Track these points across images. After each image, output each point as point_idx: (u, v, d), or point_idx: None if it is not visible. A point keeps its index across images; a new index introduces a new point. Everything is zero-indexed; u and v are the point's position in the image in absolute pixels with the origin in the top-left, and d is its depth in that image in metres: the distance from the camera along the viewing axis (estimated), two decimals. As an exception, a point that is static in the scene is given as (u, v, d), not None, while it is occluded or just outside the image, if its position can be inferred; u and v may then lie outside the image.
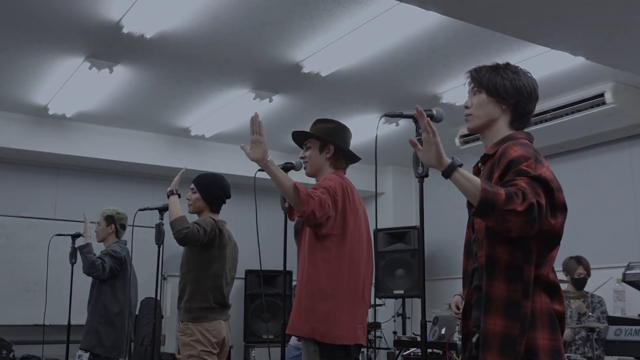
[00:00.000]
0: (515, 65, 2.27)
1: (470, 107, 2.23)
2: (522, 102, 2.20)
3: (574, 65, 5.07)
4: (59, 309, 5.36)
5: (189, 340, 3.75)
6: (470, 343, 2.13)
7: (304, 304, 2.91)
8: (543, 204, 1.93)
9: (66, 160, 6.86)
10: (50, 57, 5.03)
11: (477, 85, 2.22)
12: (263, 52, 4.94)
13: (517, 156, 2.03)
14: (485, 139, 2.24)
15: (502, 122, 2.21)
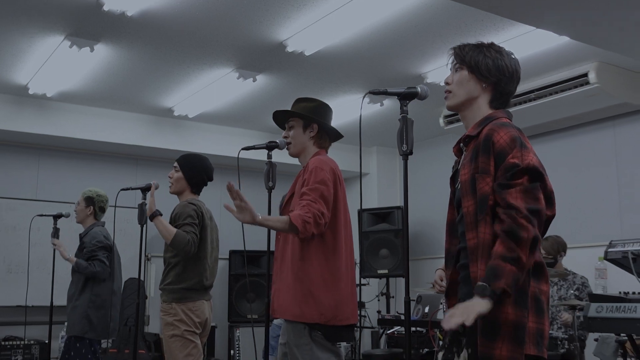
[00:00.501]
0: (499, 46, 2.26)
1: (450, 84, 2.21)
2: (503, 81, 2.20)
3: (558, 44, 5.07)
4: (41, 289, 5.33)
5: (173, 320, 3.76)
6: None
7: (300, 290, 2.87)
8: (541, 209, 1.97)
9: (47, 140, 6.78)
10: (30, 35, 4.95)
11: (460, 61, 2.20)
12: (247, 31, 4.89)
13: (504, 146, 2.03)
14: (464, 118, 2.23)
15: (482, 101, 2.20)
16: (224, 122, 7.28)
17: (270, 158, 3.08)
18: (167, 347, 3.78)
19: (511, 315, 1.94)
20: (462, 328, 2.06)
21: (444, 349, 2.18)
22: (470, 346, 2.05)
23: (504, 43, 5.35)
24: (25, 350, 6.04)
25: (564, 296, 5.37)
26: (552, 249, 5.42)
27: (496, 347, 1.94)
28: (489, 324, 1.95)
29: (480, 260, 2.00)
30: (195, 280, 3.82)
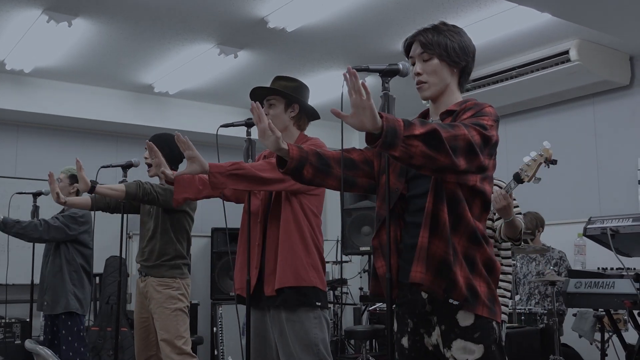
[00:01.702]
0: (452, 24, 2.25)
1: (422, 74, 2.19)
2: (470, 63, 2.23)
3: (540, 22, 5.07)
4: (21, 268, 5.29)
5: (177, 294, 3.85)
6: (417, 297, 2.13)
7: (299, 257, 2.89)
8: (474, 160, 1.98)
9: (26, 117, 6.68)
10: (6, 9, 4.86)
11: (429, 51, 2.17)
12: (228, 6, 4.84)
13: (488, 112, 2.08)
14: (438, 103, 2.22)
15: (453, 85, 2.22)
16: (204, 98, 7.22)
17: (249, 135, 3.06)
18: (167, 321, 3.80)
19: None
20: (431, 307, 2.08)
21: (407, 333, 2.16)
22: (443, 322, 2.06)
23: (485, 20, 5.38)
24: (7, 329, 6.00)
25: (542, 271, 5.45)
26: (530, 224, 5.49)
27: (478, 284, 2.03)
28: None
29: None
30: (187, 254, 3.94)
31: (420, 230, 2.05)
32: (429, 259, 2.02)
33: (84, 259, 4.72)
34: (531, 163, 3.25)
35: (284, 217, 2.94)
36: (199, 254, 7.50)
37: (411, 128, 1.85)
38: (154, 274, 3.90)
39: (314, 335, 2.88)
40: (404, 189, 2.18)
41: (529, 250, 5.16)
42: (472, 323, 2.03)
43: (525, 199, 5.74)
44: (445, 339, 2.05)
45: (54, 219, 4.63)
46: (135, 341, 3.99)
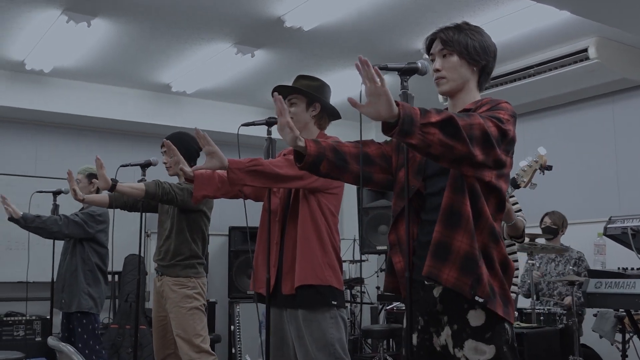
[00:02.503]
0: (474, 25, 2.26)
1: (441, 70, 2.19)
2: (490, 62, 2.24)
3: (559, 19, 5.03)
4: (41, 265, 5.34)
5: (193, 293, 3.86)
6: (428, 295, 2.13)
7: (315, 256, 2.89)
8: (490, 152, 1.97)
9: (45, 116, 6.75)
10: (26, 9, 4.90)
11: (448, 47, 2.18)
12: (245, 6, 4.85)
13: (504, 108, 2.08)
14: (455, 100, 2.23)
15: (472, 83, 2.22)
16: (222, 98, 7.25)
17: (270, 134, 3.07)
18: (183, 321, 3.82)
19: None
20: (442, 307, 2.07)
21: (417, 331, 2.16)
22: (455, 322, 2.05)
23: (503, 18, 5.34)
24: (27, 326, 6.07)
25: (562, 272, 5.41)
26: (558, 221, 5.47)
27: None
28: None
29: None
30: (202, 256, 3.95)
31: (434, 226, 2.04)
32: (453, 255, 1.99)
33: (100, 258, 4.75)
34: (527, 169, 3.26)
35: (302, 215, 2.94)
36: (216, 253, 7.53)
37: (428, 115, 1.85)
38: (169, 274, 3.91)
39: (330, 336, 2.88)
40: (421, 187, 2.18)
41: (547, 250, 5.13)
42: (482, 323, 2.02)
43: (544, 198, 5.72)
44: (457, 339, 2.04)
45: (73, 215, 4.67)
46: (154, 339, 4.01)
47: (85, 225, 4.63)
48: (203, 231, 4.03)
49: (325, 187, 2.94)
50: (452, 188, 2.03)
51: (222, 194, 3.01)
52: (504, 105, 2.09)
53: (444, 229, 2.01)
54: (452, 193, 2.03)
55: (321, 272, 2.88)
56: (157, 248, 4.04)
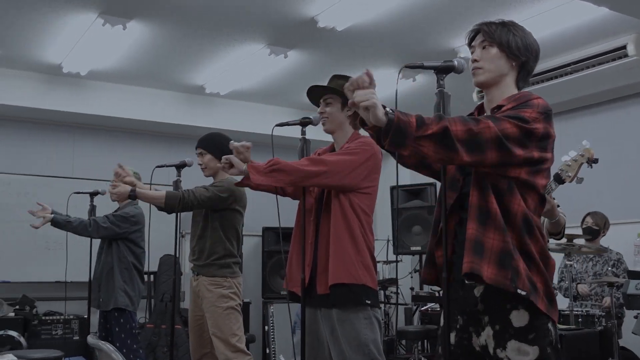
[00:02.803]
0: (520, 24, 2.25)
1: (479, 60, 2.19)
2: (531, 60, 2.22)
3: (596, 16, 4.95)
4: (79, 265, 5.41)
5: (229, 293, 3.88)
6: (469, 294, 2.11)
7: (348, 255, 2.89)
8: (507, 152, 1.96)
9: (82, 119, 6.86)
10: (63, 13, 4.98)
11: (489, 39, 2.18)
12: (278, 7, 4.86)
13: (535, 104, 2.05)
14: (490, 94, 2.22)
15: (510, 79, 2.20)
16: (255, 99, 7.28)
17: (304, 134, 3.07)
18: (219, 320, 3.84)
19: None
20: (483, 307, 2.05)
21: (455, 330, 2.14)
22: (497, 322, 2.03)
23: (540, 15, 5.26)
24: (65, 325, 6.17)
25: (599, 272, 5.31)
26: (600, 221, 5.38)
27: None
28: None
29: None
30: (237, 254, 3.96)
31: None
32: (487, 252, 1.97)
33: (135, 257, 4.79)
34: (572, 163, 3.22)
35: (334, 214, 2.94)
36: (250, 253, 7.56)
37: (424, 128, 1.88)
38: (205, 274, 3.93)
39: (364, 336, 2.86)
40: (462, 184, 2.18)
41: (586, 251, 5.04)
42: (526, 324, 1.99)
43: (582, 198, 5.62)
44: (499, 340, 2.02)
45: (104, 218, 4.71)
46: (190, 339, 4.04)
47: (116, 228, 4.67)
48: (237, 230, 4.05)
49: (354, 185, 2.93)
50: (476, 186, 2.04)
51: (262, 188, 3.07)
52: (534, 101, 2.06)
53: (477, 226, 2.01)
54: (477, 191, 2.03)
55: (354, 271, 2.87)
56: (191, 248, 4.07)
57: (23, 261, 6.43)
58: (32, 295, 6.11)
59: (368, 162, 2.97)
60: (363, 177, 2.96)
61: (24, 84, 6.35)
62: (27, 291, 6.22)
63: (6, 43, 5.60)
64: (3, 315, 5.85)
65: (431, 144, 1.88)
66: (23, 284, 6.38)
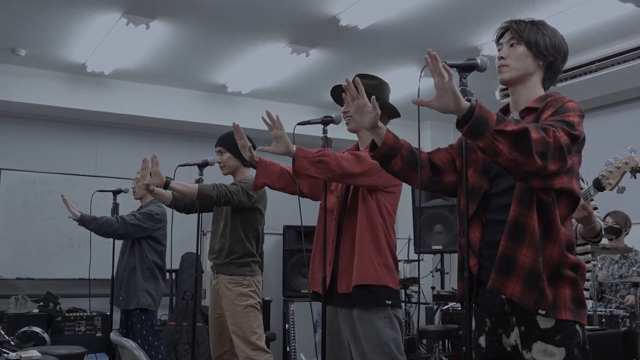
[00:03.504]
0: (549, 25, 2.22)
1: (506, 58, 2.17)
2: (558, 61, 2.19)
3: (622, 13, 4.88)
4: (102, 263, 5.47)
5: (248, 291, 3.89)
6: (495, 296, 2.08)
7: (370, 255, 2.88)
8: (561, 162, 1.91)
9: (105, 117, 6.92)
10: (87, 13, 5.03)
11: (517, 36, 2.16)
12: (300, 5, 4.86)
13: (570, 107, 2.02)
14: (516, 93, 2.20)
15: (536, 79, 2.18)
16: (277, 97, 7.29)
17: (325, 133, 3.07)
18: (239, 318, 3.85)
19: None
20: (510, 308, 2.03)
21: (484, 333, 2.12)
22: (523, 324, 2.02)
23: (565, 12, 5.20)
24: (88, 322, 6.24)
25: (625, 274, 5.24)
26: (621, 220, 5.31)
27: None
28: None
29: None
30: (257, 254, 3.97)
31: (501, 234, 2.01)
32: (518, 270, 1.96)
33: (158, 255, 4.83)
34: (614, 170, 3.04)
35: (360, 215, 2.93)
36: (271, 252, 7.58)
37: (504, 123, 1.84)
38: (224, 272, 3.95)
39: (385, 335, 2.85)
40: (486, 187, 2.15)
41: (611, 251, 4.98)
42: (552, 325, 1.97)
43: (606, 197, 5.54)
44: (525, 341, 2.00)
45: (130, 215, 4.77)
46: (211, 337, 4.06)
47: (143, 224, 4.72)
48: (257, 229, 4.05)
49: (386, 185, 2.92)
50: (518, 201, 2.00)
51: (280, 186, 3.04)
52: (571, 105, 2.04)
53: (510, 242, 1.99)
54: (518, 207, 1.99)
55: (376, 272, 2.86)
56: (211, 246, 4.08)
57: (47, 258, 6.51)
58: (56, 292, 6.18)
59: None
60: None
61: (49, 83, 6.42)
62: (51, 288, 6.30)
63: (31, 43, 5.67)
64: (27, 311, 5.93)
65: (507, 141, 1.83)
66: (47, 280, 6.45)
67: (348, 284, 2.90)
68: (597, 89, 5.95)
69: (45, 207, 6.60)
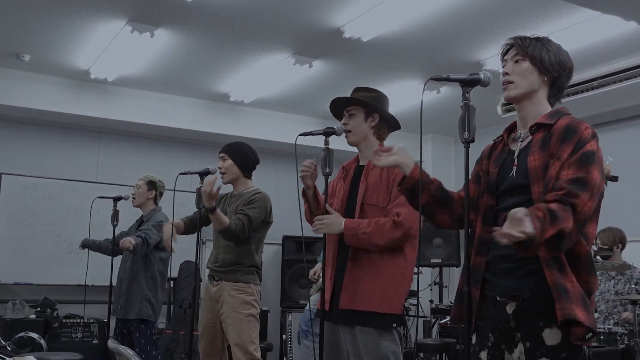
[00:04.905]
0: (554, 41, 2.23)
1: (510, 74, 2.17)
2: (563, 77, 2.19)
3: (624, 30, 4.90)
4: (100, 270, 5.46)
5: (251, 300, 3.88)
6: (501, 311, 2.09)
7: (387, 286, 2.89)
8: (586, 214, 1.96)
9: (107, 124, 6.93)
10: (92, 20, 5.05)
11: (522, 52, 2.16)
12: (304, 17, 4.88)
13: (587, 136, 2.04)
14: (523, 110, 2.20)
15: (542, 95, 2.18)
16: (279, 108, 7.30)
17: (327, 144, 3.07)
18: (240, 326, 3.83)
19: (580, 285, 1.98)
20: (515, 324, 2.03)
21: (487, 348, 2.12)
22: (528, 340, 2.01)
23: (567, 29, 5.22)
24: (85, 328, 6.21)
25: (622, 291, 5.23)
26: (608, 240, 5.28)
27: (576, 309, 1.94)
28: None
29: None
30: (259, 263, 3.95)
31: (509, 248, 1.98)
32: (573, 297, 1.96)
33: (162, 263, 4.80)
34: None
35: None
36: (269, 262, 7.56)
37: (544, 233, 1.85)
38: (229, 279, 3.92)
39: (385, 348, 2.85)
40: (493, 203, 2.18)
41: (608, 267, 4.97)
42: (558, 342, 1.97)
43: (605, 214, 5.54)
44: (530, 357, 2.00)
45: (150, 229, 4.71)
46: (202, 345, 4.00)
47: (157, 237, 4.67)
48: (261, 241, 4.07)
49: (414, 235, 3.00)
50: (548, 265, 1.99)
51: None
52: (586, 133, 2.04)
53: (553, 272, 1.99)
54: (550, 271, 1.99)
55: (388, 299, 2.89)
56: (215, 255, 4.05)
57: (45, 264, 6.50)
58: (54, 298, 6.16)
59: None
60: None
61: (52, 88, 6.44)
62: (49, 294, 6.28)
63: (36, 48, 5.69)
64: (24, 317, 5.91)
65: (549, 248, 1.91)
66: (45, 286, 6.44)
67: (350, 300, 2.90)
68: (599, 106, 5.96)
69: (46, 212, 6.60)
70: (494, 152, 2.27)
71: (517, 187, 2.10)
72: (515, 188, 2.11)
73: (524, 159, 2.12)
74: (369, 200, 2.97)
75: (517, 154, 2.16)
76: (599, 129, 6.87)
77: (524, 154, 2.13)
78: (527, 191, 2.07)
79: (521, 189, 2.09)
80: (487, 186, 2.20)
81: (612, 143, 6.29)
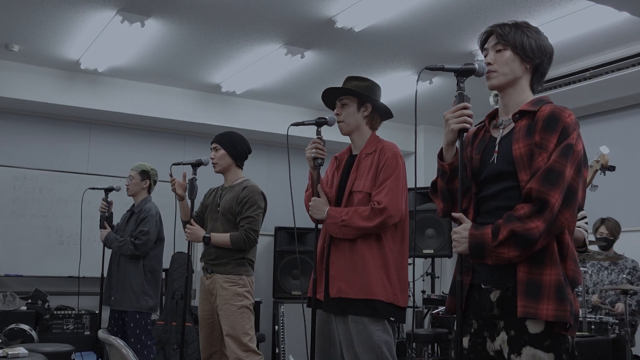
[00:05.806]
0: (534, 25, 2.23)
1: (493, 64, 2.17)
2: (545, 63, 2.20)
3: (617, 21, 4.90)
4: (92, 261, 5.45)
5: (244, 291, 3.88)
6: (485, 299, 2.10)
7: (376, 268, 2.89)
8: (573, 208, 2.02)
9: (98, 115, 6.88)
10: (82, 10, 5.01)
11: (503, 41, 2.17)
12: (295, 7, 4.86)
13: (570, 124, 2.05)
14: (506, 97, 2.20)
15: (524, 82, 2.19)
16: (271, 98, 7.28)
17: (319, 134, 3.07)
18: (233, 318, 3.83)
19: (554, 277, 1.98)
20: (499, 311, 2.03)
21: (469, 334, 2.13)
22: (512, 328, 2.02)
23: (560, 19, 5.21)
24: (77, 320, 6.20)
25: (615, 280, 5.26)
26: (615, 231, 5.34)
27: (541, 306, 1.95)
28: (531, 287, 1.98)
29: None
30: (254, 254, 3.94)
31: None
32: (546, 290, 1.97)
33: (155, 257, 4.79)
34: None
35: None
36: (262, 253, 7.54)
37: (497, 237, 1.97)
38: (220, 271, 3.92)
39: (377, 338, 2.85)
40: (475, 190, 2.18)
41: (600, 258, 5.00)
42: (542, 330, 1.98)
43: (597, 203, 5.57)
44: (514, 345, 2.00)
45: (153, 224, 4.73)
46: (201, 337, 4.03)
47: (150, 237, 4.70)
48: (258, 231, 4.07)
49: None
50: (528, 261, 2.02)
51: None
52: (568, 121, 2.04)
53: (530, 268, 2.00)
54: (528, 267, 2.02)
55: (384, 288, 2.90)
56: (206, 249, 4.04)
57: (36, 255, 6.47)
58: (45, 290, 6.14)
59: (404, 174, 3.02)
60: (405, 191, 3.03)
61: (42, 79, 6.38)
62: (40, 285, 6.25)
63: (25, 39, 5.64)
64: (15, 308, 5.88)
65: (508, 249, 1.97)
66: (36, 278, 6.41)
67: (340, 288, 2.90)
68: (591, 97, 5.96)
69: (36, 204, 6.56)
70: (477, 139, 2.27)
71: (499, 174, 2.11)
72: (497, 175, 2.11)
73: (507, 146, 2.12)
74: (356, 188, 2.98)
75: (499, 140, 2.17)
76: (591, 119, 6.95)
77: (507, 141, 2.13)
78: (511, 178, 2.07)
79: (503, 176, 2.10)
80: (472, 173, 2.19)
81: (605, 133, 6.32)
